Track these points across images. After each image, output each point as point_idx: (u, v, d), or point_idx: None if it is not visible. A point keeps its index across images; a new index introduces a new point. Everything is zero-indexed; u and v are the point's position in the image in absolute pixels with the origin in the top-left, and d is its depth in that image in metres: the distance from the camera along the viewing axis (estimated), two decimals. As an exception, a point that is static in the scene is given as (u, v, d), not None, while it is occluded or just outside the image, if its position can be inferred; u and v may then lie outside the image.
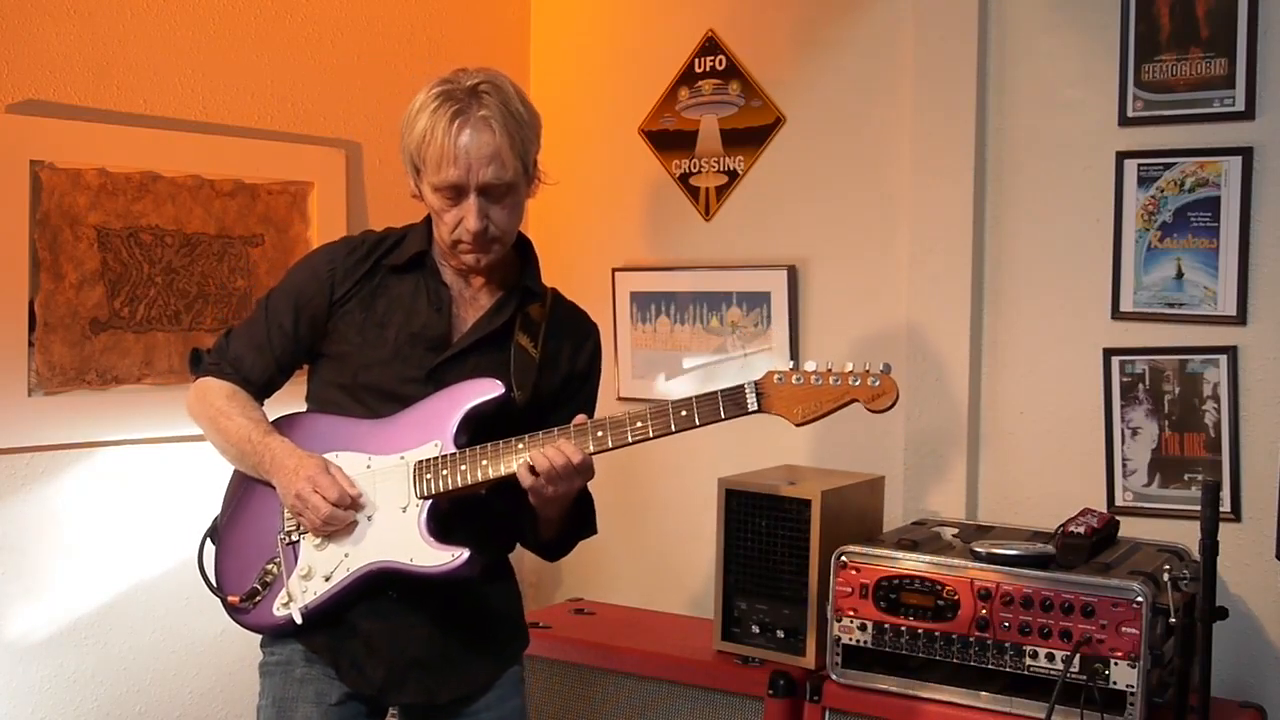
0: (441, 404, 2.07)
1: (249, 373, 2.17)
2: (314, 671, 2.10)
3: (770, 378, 2.02)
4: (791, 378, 2.02)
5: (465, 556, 1.99)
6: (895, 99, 3.15)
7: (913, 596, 2.54)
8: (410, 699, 2.14)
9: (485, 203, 2.03)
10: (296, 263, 2.26)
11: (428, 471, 2.04)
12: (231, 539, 2.17)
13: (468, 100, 2.01)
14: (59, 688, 2.79)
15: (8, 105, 2.68)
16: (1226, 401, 2.75)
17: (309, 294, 2.15)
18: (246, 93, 3.09)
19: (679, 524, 3.49)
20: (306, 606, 2.06)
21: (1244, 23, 2.71)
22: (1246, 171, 2.72)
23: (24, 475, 2.73)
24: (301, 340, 2.17)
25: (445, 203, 2.04)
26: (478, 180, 2.01)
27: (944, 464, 3.06)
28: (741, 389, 2.01)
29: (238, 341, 2.19)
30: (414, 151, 2.04)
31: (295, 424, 2.16)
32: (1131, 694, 2.33)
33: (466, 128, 2.00)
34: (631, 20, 3.61)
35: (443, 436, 2.05)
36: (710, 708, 2.78)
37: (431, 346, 2.11)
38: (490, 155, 2.01)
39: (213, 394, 2.16)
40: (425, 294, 2.13)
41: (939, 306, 3.06)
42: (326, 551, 2.07)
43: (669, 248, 3.54)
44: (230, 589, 2.14)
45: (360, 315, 2.13)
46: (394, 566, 2.03)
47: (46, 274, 2.75)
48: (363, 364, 2.13)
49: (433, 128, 2.00)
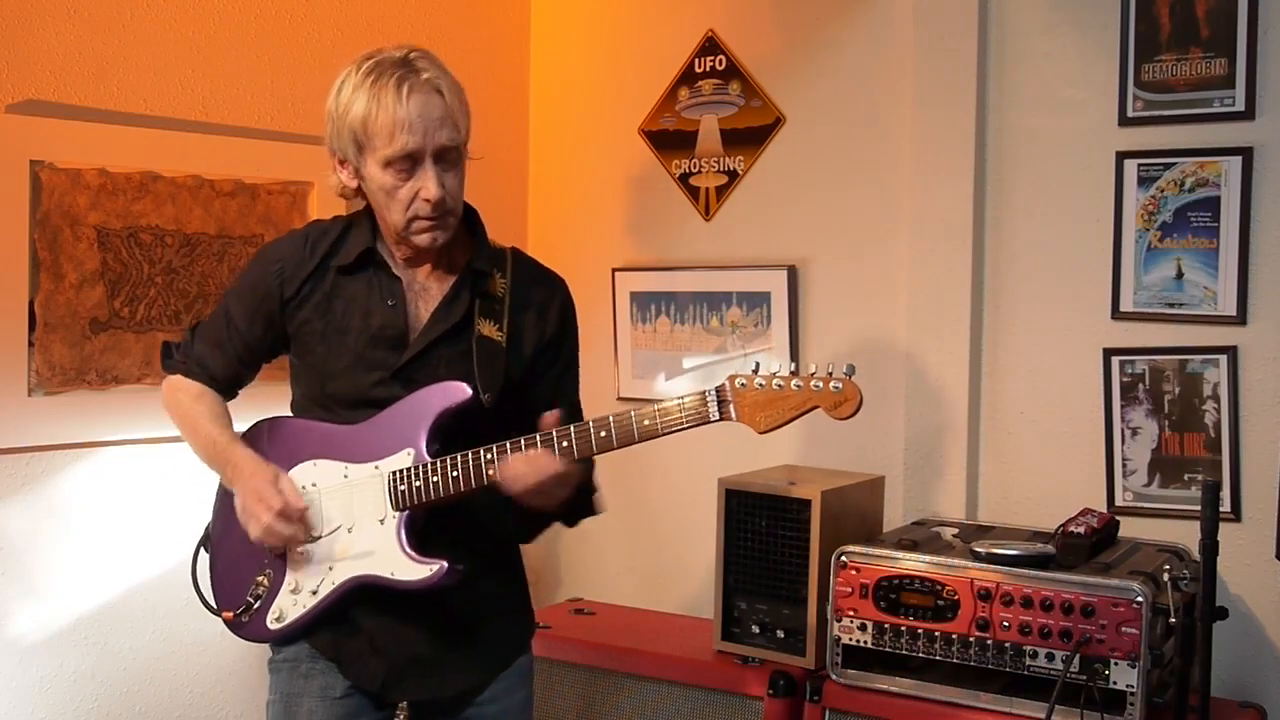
0: (411, 409, 2.04)
1: (214, 371, 2.19)
2: (319, 666, 2.11)
3: (731, 383, 1.93)
4: (753, 381, 1.93)
5: (444, 569, 1.99)
6: (895, 99, 3.15)
7: (913, 596, 2.54)
8: (412, 696, 2.15)
9: (440, 170, 1.99)
10: (251, 258, 2.22)
11: (401, 483, 2.02)
12: (223, 549, 2.18)
13: (406, 69, 1.97)
14: (59, 688, 2.79)
15: (8, 105, 2.68)
16: (1226, 401, 2.75)
17: (260, 292, 2.14)
18: (246, 93, 3.09)
19: (679, 524, 3.49)
20: (298, 620, 2.08)
21: (1244, 23, 2.71)
22: (1246, 171, 2.72)
23: (24, 475, 2.73)
24: (260, 339, 2.17)
25: (398, 177, 1.98)
26: (434, 144, 1.97)
27: (944, 464, 3.06)
28: (703, 396, 1.94)
29: (201, 340, 2.20)
30: (356, 130, 1.97)
31: (275, 429, 2.17)
32: (1131, 694, 2.34)
33: (416, 92, 1.95)
34: (631, 20, 3.61)
35: (415, 445, 2.02)
36: (710, 708, 2.77)
37: (392, 346, 2.08)
38: (442, 117, 1.97)
39: (182, 394, 2.19)
40: (379, 290, 2.09)
41: (939, 306, 3.06)
42: (311, 565, 2.07)
43: (669, 248, 3.54)
44: (224, 603, 2.15)
45: (320, 324, 2.10)
46: (376, 580, 2.03)
47: (46, 274, 2.75)
48: (328, 374, 2.11)
49: (378, 99, 1.95)
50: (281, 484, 2.04)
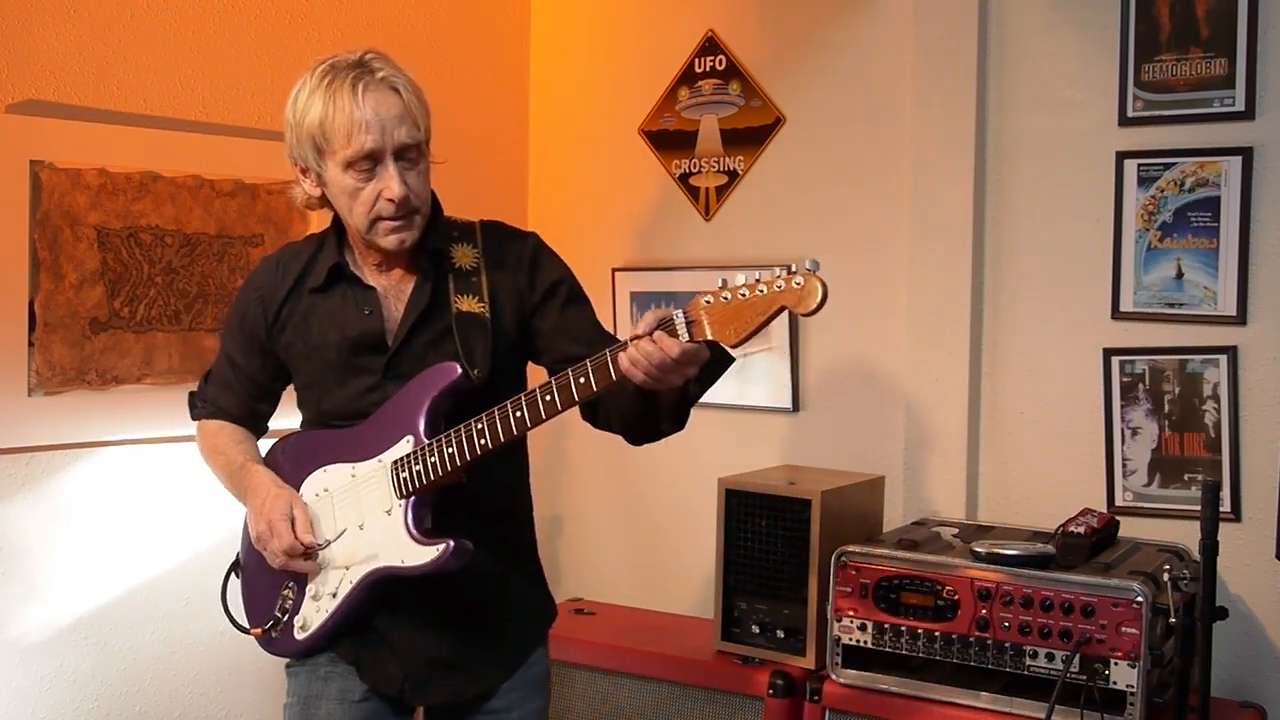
0: (406, 399, 2.05)
1: (230, 411, 2.26)
2: (338, 669, 2.12)
3: (698, 302, 1.81)
4: (719, 297, 1.81)
5: (451, 547, 1.98)
6: (895, 99, 3.15)
7: (913, 596, 2.54)
8: (436, 700, 2.14)
9: (402, 168, 1.99)
10: (235, 294, 2.27)
11: (403, 470, 2.03)
12: (251, 568, 2.21)
13: (361, 70, 1.98)
14: (59, 688, 2.79)
15: (8, 105, 2.68)
16: (1226, 401, 2.75)
17: (249, 324, 2.19)
18: (246, 93, 3.09)
19: (679, 524, 3.49)
20: (323, 626, 2.09)
21: (1244, 23, 2.71)
22: (1246, 171, 2.72)
23: (24, 475, 2.73)
24: (260, 370, 2.22)
25: (359, 178, 1.98)
26: (393, 142, 1.97)
27: (944, 464, 3.06)
28: (671, 320, 1.81)
29: (212, 384, 2.28)
30: (314, 134, 1.98)
31: (287, 446, 2.21)
32: (1131, 694, 2.34)
33: (371, 91, 1.96)
34: (631, 20, 3.61)
35: (414, 431, 2.02)
36: (710, 708, 2.78)
37: (374, 349, 2.09)
38: (400, 115, 1.97)
39: (208, 434, 2.27)
40: (353, 302, 2.10)
41: (939, 306, 3.06)
42: (330, 571, 2.08)
43: (669, 248, 3.54)
44: (254, 620, 2.18)
45: (301, 345, 2.13)
46: (389, 570, 2.03)
47: (46, 274, 2.75)
48: (321, 391, 2.13)
49: (334, 101, 1.95)
50: (296, 513, 2.06)
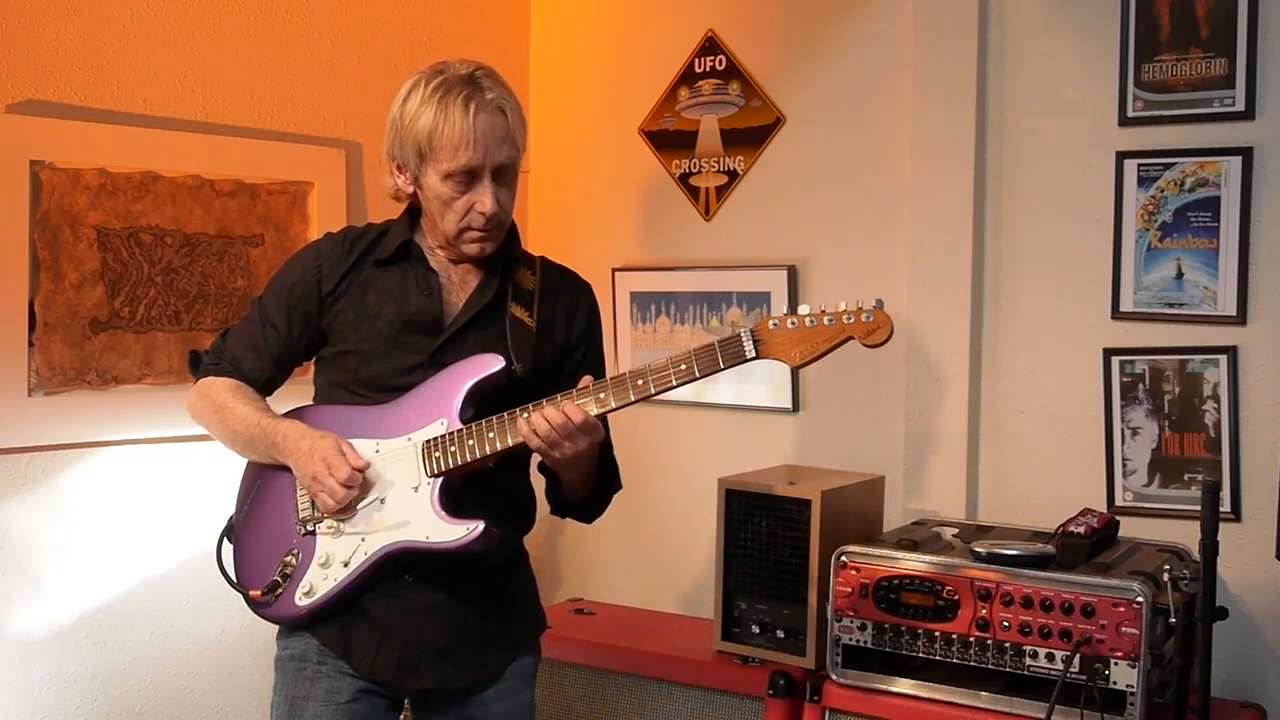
0: (444, 383, 2.09)
1: (248, 371, 2.21)
2: (325, 669, 2.11)
3: (765, 324, 2.03)
4: (786, 322, 2.03)
5: (480, 529, 2.00)
6: (895, 99, 3.15)
7: (913, 596, 2.54)
8: (425, 684, 2.14)
9: (496, 185, 2.08)
10: (286, 261, 2.28)
11: (436, 450, 2.05)
12: (248, 534, 2.19)
13: (473, 87, 2.06)
14: (59, 688, 2.79)
15: (8, 105, 2.68)
16: (1226, 401, 2.75)
17: (299, 292, 2.18)
18: (246, 93, 3.09)
19: (679, 524, 3.49)
20: (328, 594, 2.07)
21: (1244, 23, 2.71)
22: (1246, 171, 2.72)
23: (24, 475, 2.73)
24: (296, 339, 2.20)
25: (456, 189, 2.07)
26: (494, 162, 2.07)
27: (944, 464, 3.06)
28: (738, 337, 2.02)
29: (234, 341, 2.23)
30: (421, 141, 2.06)
31: (303, 417, 2.18)
32: (1131, 694, 2.33)
33: (482, 111, 2.05)
34: (631, 20, 3.61)
35: (448, 414, 2.06)
36: (710, 708, 2.78)
37: (427, 331, 2.13)
38: (503, 137, 2.07)
39: (215, 390, 2.20)
40: (414, 281, 2.15)
41: (939, 306, 3.06)
42: (343, 538, 2.08)
43: (669, 248, 3.54)
44: (251, 583, 2.15)
45: (353, 314, 2.16)
46: (411, 546, 2.04)
47: (46, 274, 2.75)
48: (362, 359, 2.15)
49: (445, 114, 2.04)
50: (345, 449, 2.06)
